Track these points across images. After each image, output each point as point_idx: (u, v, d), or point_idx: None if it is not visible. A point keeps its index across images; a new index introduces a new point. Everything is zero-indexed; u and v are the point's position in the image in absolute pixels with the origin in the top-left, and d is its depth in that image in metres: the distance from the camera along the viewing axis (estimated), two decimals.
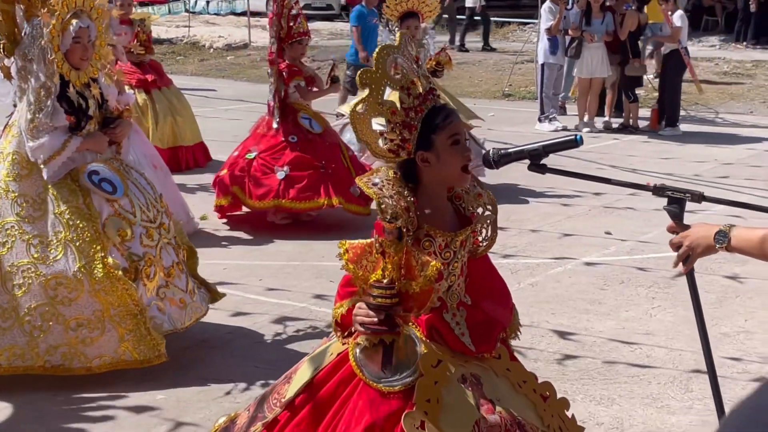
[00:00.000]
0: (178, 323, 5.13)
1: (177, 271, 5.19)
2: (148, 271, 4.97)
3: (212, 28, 25.43)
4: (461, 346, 3.10)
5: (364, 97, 3.03)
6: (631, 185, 3.20)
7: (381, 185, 3.05)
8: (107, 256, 4.87)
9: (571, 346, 5.47)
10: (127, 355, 4.92)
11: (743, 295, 6.34)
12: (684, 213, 2.83)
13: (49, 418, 4.63)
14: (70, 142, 4.97)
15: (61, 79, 4.98)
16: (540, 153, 2.99)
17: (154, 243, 5.06)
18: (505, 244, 7.49)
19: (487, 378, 3.10)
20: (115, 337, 4.91)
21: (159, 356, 4.94)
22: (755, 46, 20.86)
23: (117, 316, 4.89)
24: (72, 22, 4.95)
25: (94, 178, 5.00)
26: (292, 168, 7.78)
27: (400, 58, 3.08)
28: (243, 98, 15.63)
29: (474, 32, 22.86)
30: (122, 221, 4.97)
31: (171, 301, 5.12)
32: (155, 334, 4.93)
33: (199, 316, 5.32)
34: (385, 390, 3.00)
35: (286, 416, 3.18)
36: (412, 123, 3.04)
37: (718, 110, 14.63)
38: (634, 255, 7.26)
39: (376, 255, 2.99)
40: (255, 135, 8.13)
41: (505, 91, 16.53)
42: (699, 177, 9.85)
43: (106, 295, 4.86)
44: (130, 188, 5.08)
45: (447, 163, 3.06)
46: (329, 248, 7.35)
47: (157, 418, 4.63)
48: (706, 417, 4.54)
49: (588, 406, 4.69)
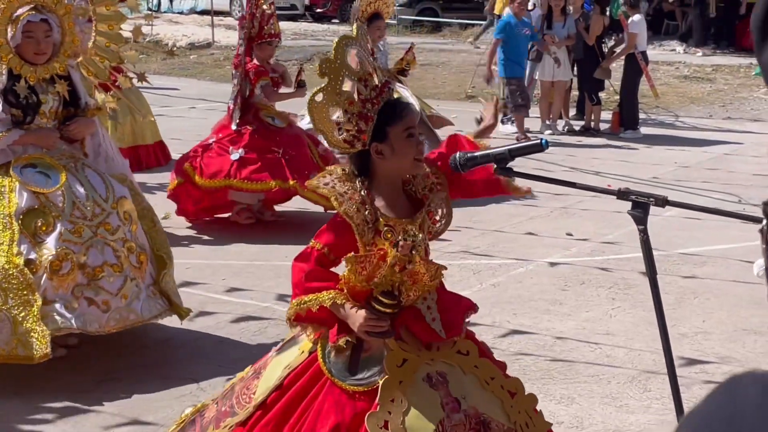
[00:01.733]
0: (94, 324, 4.88)
1: (109, 271, 4.95)
2: (57, 265, 4.79)
3: (175, 27, 25.29)
4: (430, 335, 3.14)
5: (323, 87, 3.07)
6: (596, 189, 3.25)
7: (332, 184, 3.09)
8: (14, 246, 4.79)
9: (531, 346, 5.52)
10: (19, 348, 4.72)
11: (701, 296, 6.43)
12: (648, 217, 2.88)
13: (7, 419, 4.59)
14: (8, 133, 4.96)
15: (10, 73, 4.96)
16: (506, 157, 3.02)
17: (81, 240, 4.89)
18: (467, 244, 7.55)
19: (454, 375, 3.14)
20: (9, 329, 4.73)
21: (44, 355, 4.69)
22: (715, 51, 21.10)
23: (14, 307, 4.74)
24: (22, 16, 4.93)
25: (29, 170, 4.96)
26: (248, 150, 7.73)
27: (358, 49, 3.12)
28: (206, 97, 15.57)
29: (438, 34, 22.97)
30: (43, 213, 4.87)
31: (89, 300, 4.89)
32: (45, 331, 4.70)
33: (130, 323, 5.04)
34: (350, 390, 3.05)
35: (256, 415, 3.22)
36: (369, 114, 3.08)
37: (678, 113, 14.80)
38: (595, 256, 7.34)
39: (377, 261, 3.03)
40: (217, 128, 8.13)
41: (468, 92, 16.60)
42: (658, 180, 9.97)
43: (4, 284, 4.75)
44: (69, 183, 4.98)
45: (401, 155, 3.12)
46: (292, 249, 7.28)
47: (119, 417, 4.62)
48: (664, 416, 4.61)
49: (548, 405, 4.73)
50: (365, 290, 3.08)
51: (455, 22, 24.51)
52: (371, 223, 3.08)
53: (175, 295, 5.35)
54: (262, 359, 3.43)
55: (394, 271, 3.06)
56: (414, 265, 3.08)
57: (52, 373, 4.97)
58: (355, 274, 3.03)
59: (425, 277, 3.09)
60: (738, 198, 9.11)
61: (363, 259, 3.03)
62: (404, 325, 3.14)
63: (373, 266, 3.03)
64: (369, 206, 3.08)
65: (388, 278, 3.07)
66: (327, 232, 3.16)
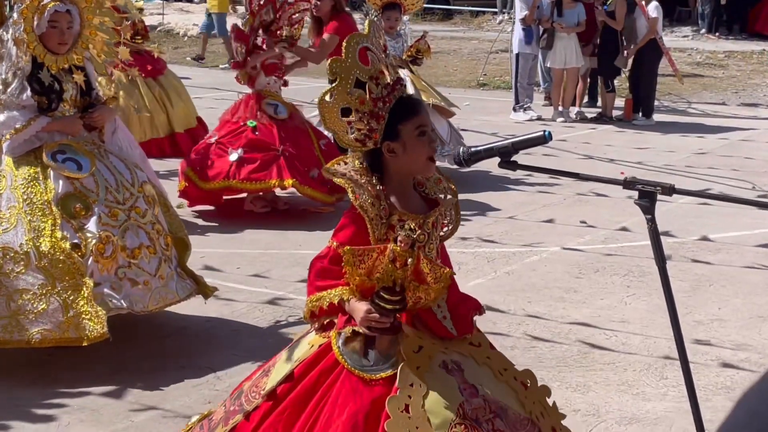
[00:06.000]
0: (139, 305, 5.01)
1: (146, 252, 5.09)
2: (101, 248, 4.88)
3: (186, 15, 25.29)
4: (444, 331, 3.14)
5: (333, 86, 3.06)
6: (602, 180, 3.23)
7: (350, 175, 3.08)
8: (57, 231, 4.86)
9: (547, 334, 5.52)
10: (70, 331, 4.83)
11: (716, 283, 6.41)
12: (655, 206, 2.86)
13: (26, 408, 4.61)
14: (35, 120, 5.02)
15: (34, 61, 5.00)
16: (509, 150, 2.99)
17: (117, 223, 4.99)
18: (480, 232, 7.55)
19: (468, 365, 3.13)
20: (59, 311, 4.83)
21: (102, 335, 4.79)
22: (727, 37, 21.01)
23: (63, 290, 4.84)
24: (49, 6, 4.96)
25: (59, 156, 5.02)
26: (247, 150, 7.74)
27: (369, 46, 3.11)
28: (218, 86, 15.56)
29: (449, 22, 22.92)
30: (80, 198, 4.95)
31: (132, 281, 5.01)
32: (100, 312, 4.80)
33: (169, 302, 5.22)
34: (367, 377, 3.04)
35: (267, 406, 3.21)
36: (380, 113, 3.06)
37: (691, 100, 14.75)
38: (608, 244, 7.33)
39: (377, 256, 3.02)
40: (221, 122, 8.17)
41: (479, 80, 16.58)
42: (671, 167, 9.94)
43: (51, 269, 4.83)
44: (99, 169, 5.07)
45: (413, 154, 3.10)
46: (305, 237, 7.38)
47: (137, 405, 4.63)
48: (680, 403, 4.60)
49: (564, 393, 4.74)
50: (371, 286, 3.07)
51: (466, 10, 24.45)
52: (385, 218, 3.07)
53: (198, 276, 5.54)
54: (271, 360, 3.44)
55: (395, 268, 3.05)
56: (414, 261, 3.04)
57: (69, 362, 5.00)
58: (352, 267, 3.01)
59: (428, 277, 3.05)
60: (752, 185, 9.08)
61: (361, 252, 3.02)
62: (418, 317, 3.14)
63: (372, 260, 3.02)
64: (384, 201, 3.07)
65: (390, 274, 3.05)
66: (342, 229, 3.14)
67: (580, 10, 12.62)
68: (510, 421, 3.07)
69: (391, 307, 3.03)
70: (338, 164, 3.15)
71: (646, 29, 12.59)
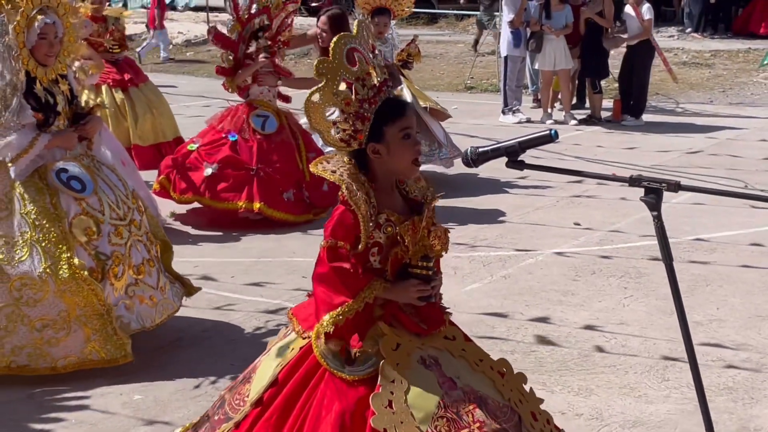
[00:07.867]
0: (148, 321, 5.11)
1: (147, 267, 5.15)
2: (116, 270, 4.94)
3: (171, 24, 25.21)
4: (415, 326, 3.19)
5: (320, 87, 3.05)
6: (608, 178, 3.21)
7: (341, 173, 3.10)
8: (73, 257, 4.83)
9: (546, 338, 5.49)
10: (93, 354, 4.90)
11: (713, 283, 6.39)
12: (661, 203, 2.85)
13: (24, 420, 4.57)
14: (38, 139, 4.94)
15: (27, 76, 4.93)
16: (516, 150, 3.00)
17: (123, 241, 5.03)
18: (475, 236, 7.52)
19: (445, 359, 3.19)
20: (81, 337, 4.88)
21: (125, 356, 4.91)
22: (713, 36, 21.04)
23: (83, 316, 4.87)
24: (38, 18, 4.91)
25: (63, 176, 4.96)
26: (222, 167, 7.71)
27: (357, 47, 3.10)
28: (204, 94, 15.51)
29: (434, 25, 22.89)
30: (90, 220, 4.93)
31: (141, 299, 5.09)
32: (121, 334, 4.90)
33: (171, 313, 5.30)
34: (350, 378, 3.09)
35: (255, 413, 3.24)
36: (365, 114, 3.08)
37: (678, 100, 14.75)
38: (603, 245, 7.30)
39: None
40: (208, 125, 8.13)
41: (467, 83, 16.56)
42: (662, 167, 9.93)
43: (71, 296, 4.82)
44: (99, 185, 5.05)
45: (396, 156, 3.13)
46: (299, 244, 7.34)
47: (135, 419, 4.59)
48: (683, 405, 4.58)
49: (567, 397, 4.71)
50: (402, 261, 3.16)
51: (451, 13, 24.43)
52: (373, 216, 3.10)
53: (184, 277, 5.61)
54: (249, 367, 3.45)
55: (425, 237, 3.15)
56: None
57: (67, 376, 4.94)
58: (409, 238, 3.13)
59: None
60: (744, 183, 9.08)
61: (406, 228, 3.15)
62: (392, 315, 3.17)
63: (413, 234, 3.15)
64: (373, 199, 3.10)
65: (423, 243, 3.15)
66: (335, 226, 3.13)
67: (568, 12, 12.61)
68: (490, 410, 3.11)
69: (433, 273, 3.16)
70: (325, 162, 3.15)
71: (638, 29, 12.59)
